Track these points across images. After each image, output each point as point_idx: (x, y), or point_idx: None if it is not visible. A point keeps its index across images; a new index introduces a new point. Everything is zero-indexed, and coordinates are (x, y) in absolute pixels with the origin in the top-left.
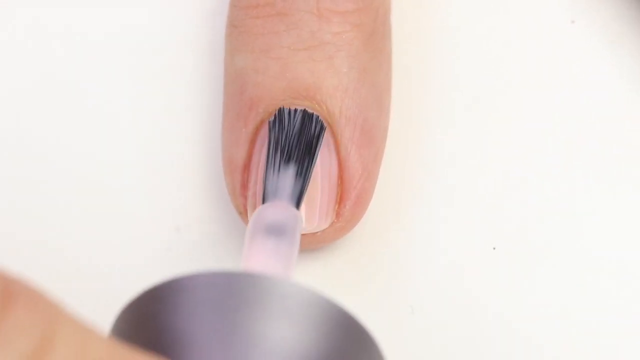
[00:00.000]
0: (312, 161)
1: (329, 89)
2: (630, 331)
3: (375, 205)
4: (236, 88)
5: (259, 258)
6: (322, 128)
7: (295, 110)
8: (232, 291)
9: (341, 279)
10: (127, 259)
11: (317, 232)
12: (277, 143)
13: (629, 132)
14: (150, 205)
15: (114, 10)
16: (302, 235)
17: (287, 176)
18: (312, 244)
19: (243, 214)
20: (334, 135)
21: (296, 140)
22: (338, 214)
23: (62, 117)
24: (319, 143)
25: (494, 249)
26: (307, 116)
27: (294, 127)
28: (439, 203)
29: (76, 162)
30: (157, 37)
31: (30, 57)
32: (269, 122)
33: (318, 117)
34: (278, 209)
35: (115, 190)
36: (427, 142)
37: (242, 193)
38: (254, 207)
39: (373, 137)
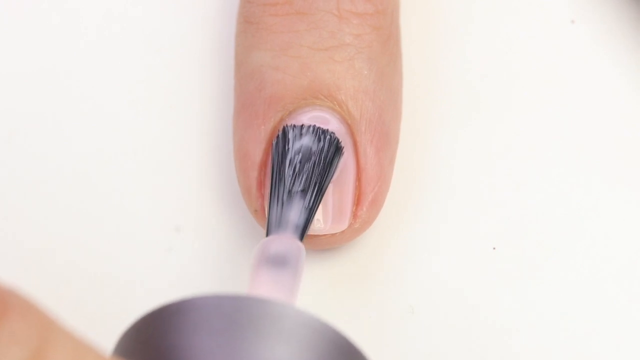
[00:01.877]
0: (322, 191)
1: (349, 90)
2: (630, 332)
3: None
4: (253, 85)
5: (262, 289)
6: (337, 150)
7: (301, 127)
8: (234, 314)
9: (342, 279)
10: (128, 258)
11: (336, 233)
12: (280, 169)
13: (629, 132)
14: (150, 205)
15: (117, 5)
16: (321, 236)
17: (292, 208)
18: (329, 244)
19: (259, 211)
20: (353, 136)
21: (307, 163)
22: (355, 216)
23: (63, 115)
24: (333, 169)
25: (494, 249)
26: (318, 134)
27: (301, 150)
28: (439, 203)
29: (78, 161)
30: (161, 34)
31: (36, 51)
32: (272, 144)
33: (332, 135)
34: (282, 242)
35: (116, 189)
36: (427, 143)
37: (259, 192)
38: None
39: (390, 140)
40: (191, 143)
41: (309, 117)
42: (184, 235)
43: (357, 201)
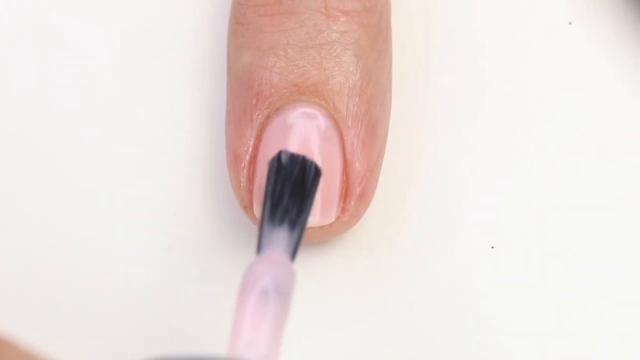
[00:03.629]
0: (308, 211)
1: (336, 86)
2: (629, 332)
3: (375, 204)
4: (242, 84)
5: (251, 320)
6: (318, 175)
7: (296, 156)
8: None
9: (341, 277)
10: (127, 258)
11: (324, 226)
12: (273, 191)
13: (627, 133)
14: (150, 205)
15: (113, 8)
16: (309, 228)
17: (283, 230)
18: (318, 237)
19: (248, 207)
20: (340, 131)
21: (294, 189)
22: (343, 209)
23: (63, 116)
24: (315, 192)
25: (493, 247)
26: (304, 162)
27: (293, 173)
28: (438, 201)
29: (76, 162)
30: (156, 35)
31: (32, 54)
32: (268, 163)
33: (313, 164)
34: (273, 266)
35: (115, 190)
36: (426, 141)
37: (248, 188)
38: (260, 200)
39: (377, 135)
40: (190, 143)
41: (296, 114)
42: (184, 236)
43: (345, 195)
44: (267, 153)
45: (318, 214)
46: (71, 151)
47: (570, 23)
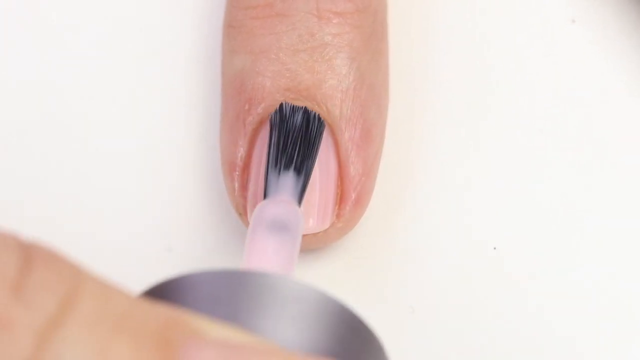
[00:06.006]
0: (313, 159)
1: (328, 90)
2: (630, 332)
3: (375, 205)
4: (235, 88)
5: (262, 254)
6: (321, 125)
7: (297, 107)
8: (236, 289)
9: (341, 278)
10: (128, 258)
11: (318, 233)
12: (278, 141)
13: (629, 132)
14: (150, 205)
15: (109, 9)
16: (303, 236)
17: (289, 175)
18: (312, 244)
19: (243, 214)
20: (334, 135)
21: (297, 138)
22: (338, 215)
23: (63, 117)
24: (319, 140)
25: (495, 249)
26: (307, 113)
27: (295, 124)
28: (438, 203)
29: (76, 162)
30: (151, 37)
31: (32, 54)
32: (270, 118)
33: (317, 114)
34: (280, 205)
35: (115, 190)
36: (426, 142)
37: (242, 194)
38: (254, 207)
39: (372, 138)
40: (190, 143)
41: None
42: (184, 236)
43: (340, 200)
44: (261, 159)
45: (312, 221)
46: (70, 153)
47: (573, 21)
